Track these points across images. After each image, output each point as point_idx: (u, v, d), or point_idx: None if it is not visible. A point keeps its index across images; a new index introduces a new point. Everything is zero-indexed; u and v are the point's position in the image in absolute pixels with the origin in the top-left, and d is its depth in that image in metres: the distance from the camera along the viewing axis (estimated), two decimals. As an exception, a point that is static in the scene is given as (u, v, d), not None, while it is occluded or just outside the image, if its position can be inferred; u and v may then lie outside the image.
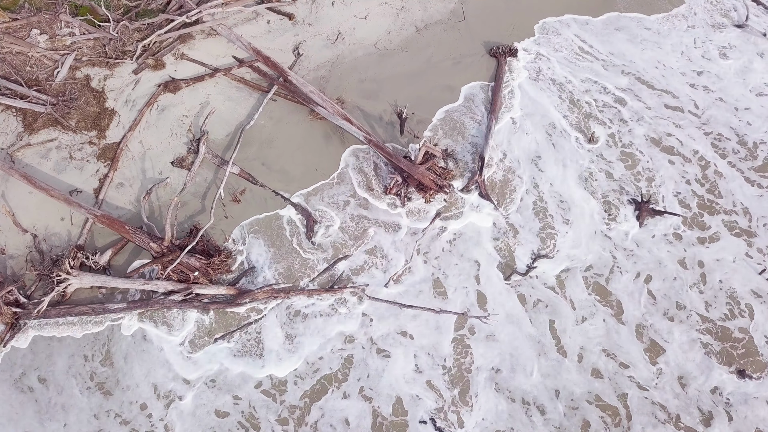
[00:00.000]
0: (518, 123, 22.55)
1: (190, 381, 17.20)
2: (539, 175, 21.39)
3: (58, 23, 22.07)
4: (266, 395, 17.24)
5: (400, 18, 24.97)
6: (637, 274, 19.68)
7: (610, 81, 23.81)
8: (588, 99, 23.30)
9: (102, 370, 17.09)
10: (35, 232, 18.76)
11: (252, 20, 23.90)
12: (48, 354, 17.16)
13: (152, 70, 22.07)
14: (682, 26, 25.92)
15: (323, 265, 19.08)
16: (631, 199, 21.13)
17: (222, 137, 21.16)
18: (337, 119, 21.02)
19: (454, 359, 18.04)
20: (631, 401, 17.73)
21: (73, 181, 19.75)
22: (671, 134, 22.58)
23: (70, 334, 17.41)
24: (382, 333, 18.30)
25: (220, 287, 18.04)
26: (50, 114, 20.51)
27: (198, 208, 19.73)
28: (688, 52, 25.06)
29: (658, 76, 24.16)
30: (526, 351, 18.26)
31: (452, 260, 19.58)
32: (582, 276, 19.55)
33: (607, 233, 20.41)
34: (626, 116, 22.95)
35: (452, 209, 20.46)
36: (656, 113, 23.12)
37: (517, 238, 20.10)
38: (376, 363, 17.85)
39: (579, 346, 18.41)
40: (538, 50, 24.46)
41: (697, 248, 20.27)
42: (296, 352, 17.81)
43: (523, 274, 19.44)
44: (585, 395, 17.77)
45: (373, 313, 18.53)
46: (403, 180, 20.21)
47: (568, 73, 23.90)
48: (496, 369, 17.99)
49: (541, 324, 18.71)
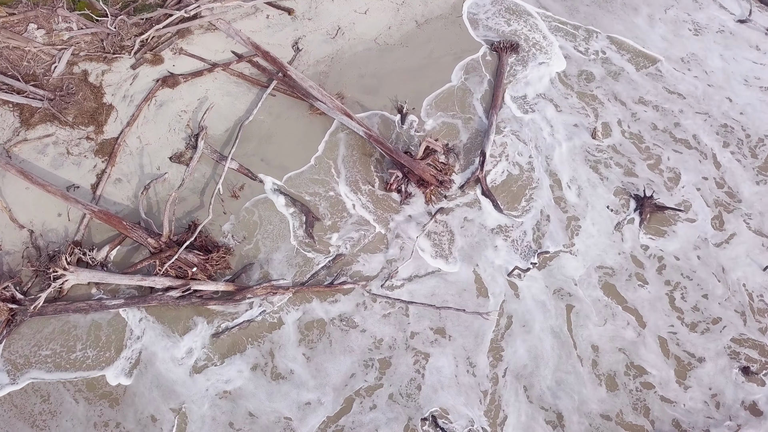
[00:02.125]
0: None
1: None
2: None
3: (56, 18, 21.86)
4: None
5: (400, 13, 24.78)
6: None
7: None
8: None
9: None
10: (32, 228, 18.57)
11: (251, 15, 23.71)
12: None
13: (150, 65, 21.88)
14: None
15: (324, 262, 18.92)
16: (633, 194, 20.95)
17: (221, 132, 20.98)
18: (336, 114, 20.83)
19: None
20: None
21: (71, 176, 19.56)
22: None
23: (71, 405, 16.48)
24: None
25: (218, 283, 17.84)
26: (47, 109, 20.31)
27: (196, 203, 19.55)
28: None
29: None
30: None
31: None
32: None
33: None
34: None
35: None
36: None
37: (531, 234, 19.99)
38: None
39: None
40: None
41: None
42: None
43: (525, 270, 19.26)
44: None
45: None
46: (404, 175, 20.01)
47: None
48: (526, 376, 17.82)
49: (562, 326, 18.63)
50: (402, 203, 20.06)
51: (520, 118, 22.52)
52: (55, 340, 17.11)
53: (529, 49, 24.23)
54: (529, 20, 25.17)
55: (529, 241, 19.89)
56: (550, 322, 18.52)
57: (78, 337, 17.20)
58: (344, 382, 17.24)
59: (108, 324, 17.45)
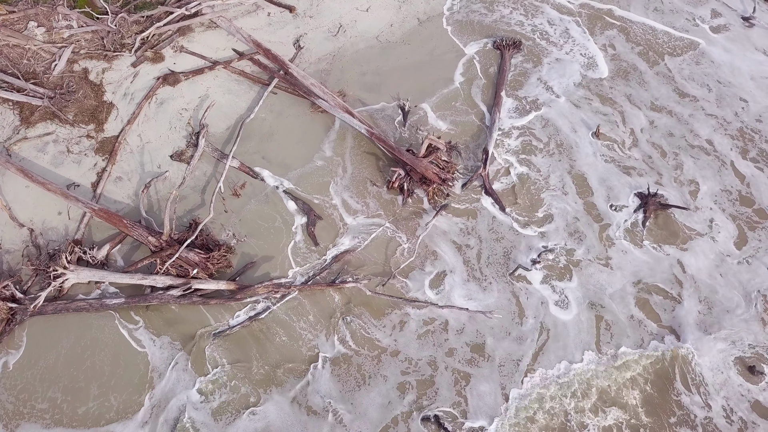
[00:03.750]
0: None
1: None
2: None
3: (56, 16, 21.77)
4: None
5: (402, 10, 24.65)
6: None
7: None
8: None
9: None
10: (32, 227, 18.46)
11: (252, 13, 23.60)
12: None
13: (151, 63, 21.78)
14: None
15: (328, 260, 18.78)
16: (636, 193, 20.74)
17: (222, 130, 20.85)
18: (338, 112, 20.70)
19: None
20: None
21: (71, 174, 19.45)
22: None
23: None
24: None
25: (219, 282, 17.71)
26: (48, 107, 20.21)
27: (197, 202, 19.42)
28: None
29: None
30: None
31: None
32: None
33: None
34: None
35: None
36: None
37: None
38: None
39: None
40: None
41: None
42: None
43: (528, 269, 19.09)
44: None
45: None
46: (406, 173, 19.87)
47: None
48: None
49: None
50: (403, 204, 19.91)
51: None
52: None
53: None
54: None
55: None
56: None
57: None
58: (380, 415, 16.48)
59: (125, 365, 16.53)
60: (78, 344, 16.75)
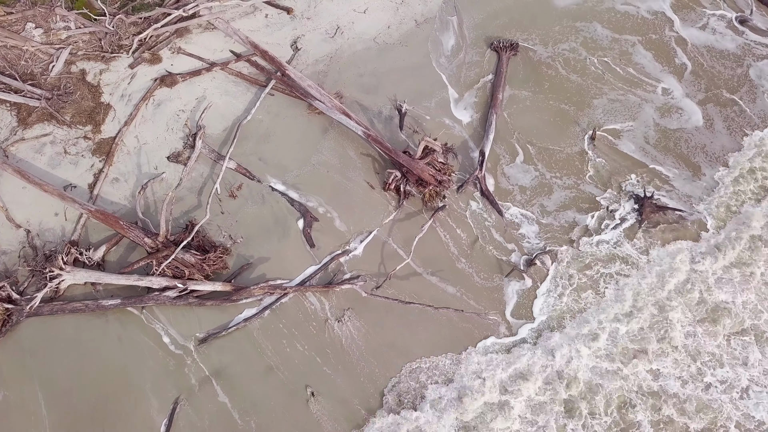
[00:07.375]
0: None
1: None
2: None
3: (54, 17, 21.80)
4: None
5: (399, 12, 24.67)
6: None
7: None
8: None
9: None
10: (29, 228, 18.51)
11: (250, 14, 23.63)
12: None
13: (148, 64, 21.81)
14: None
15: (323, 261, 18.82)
16: (633, 194, 20.73)
17: (219, 132, 20.88)
18: (335, 114, 20.74)
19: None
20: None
21: (68, 176, 19.49)
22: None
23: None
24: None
25: (215, 283, 17.75)
26: (45, 108, 20.26)
27: (194, 203, 19.45)
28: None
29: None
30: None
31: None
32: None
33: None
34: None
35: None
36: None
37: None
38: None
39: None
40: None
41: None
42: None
43: (524, 270, 19.12)
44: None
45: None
46: (402, 175, 19.90)
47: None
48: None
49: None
50: (399, 206, 19.93)
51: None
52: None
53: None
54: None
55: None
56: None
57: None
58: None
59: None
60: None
